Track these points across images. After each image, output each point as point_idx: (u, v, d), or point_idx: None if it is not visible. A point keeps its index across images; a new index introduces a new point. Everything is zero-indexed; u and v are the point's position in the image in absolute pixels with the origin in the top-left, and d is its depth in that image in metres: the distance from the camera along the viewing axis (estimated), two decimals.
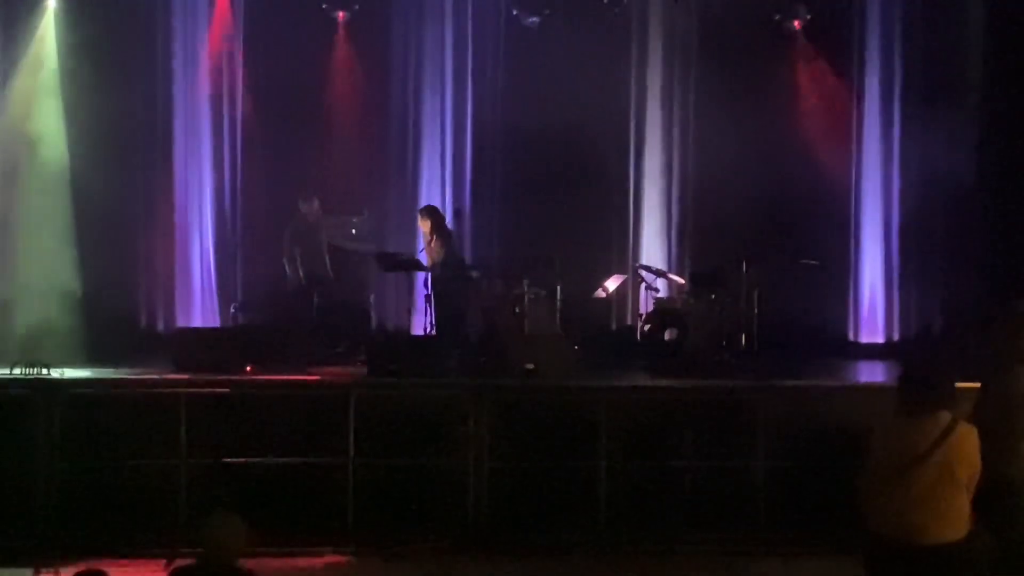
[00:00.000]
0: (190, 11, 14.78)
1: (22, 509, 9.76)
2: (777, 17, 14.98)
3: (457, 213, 14.42)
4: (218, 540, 5.84)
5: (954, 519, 5.81)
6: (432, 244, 13.12)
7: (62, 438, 9.86)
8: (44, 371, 10.52)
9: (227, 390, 10.31)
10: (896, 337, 14.90)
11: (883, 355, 14.19)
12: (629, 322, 14.60)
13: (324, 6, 14.81)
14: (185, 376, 10.72)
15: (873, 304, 15.02)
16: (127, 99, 14.42)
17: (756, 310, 13.00)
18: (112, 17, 14.32)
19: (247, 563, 6.00)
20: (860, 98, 15.13)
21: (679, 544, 9.89)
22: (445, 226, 13.35)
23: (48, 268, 13.88)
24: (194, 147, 14.81)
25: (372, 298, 14.22)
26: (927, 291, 14.94)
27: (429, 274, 13.08)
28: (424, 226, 13.28)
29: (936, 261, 14.88)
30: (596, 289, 14.10)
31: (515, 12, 15.15)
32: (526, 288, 12.99)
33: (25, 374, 10.48)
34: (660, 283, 14.01)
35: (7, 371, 10.61)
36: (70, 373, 10.83)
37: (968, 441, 5.86)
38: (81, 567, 5.85)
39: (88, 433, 9.90)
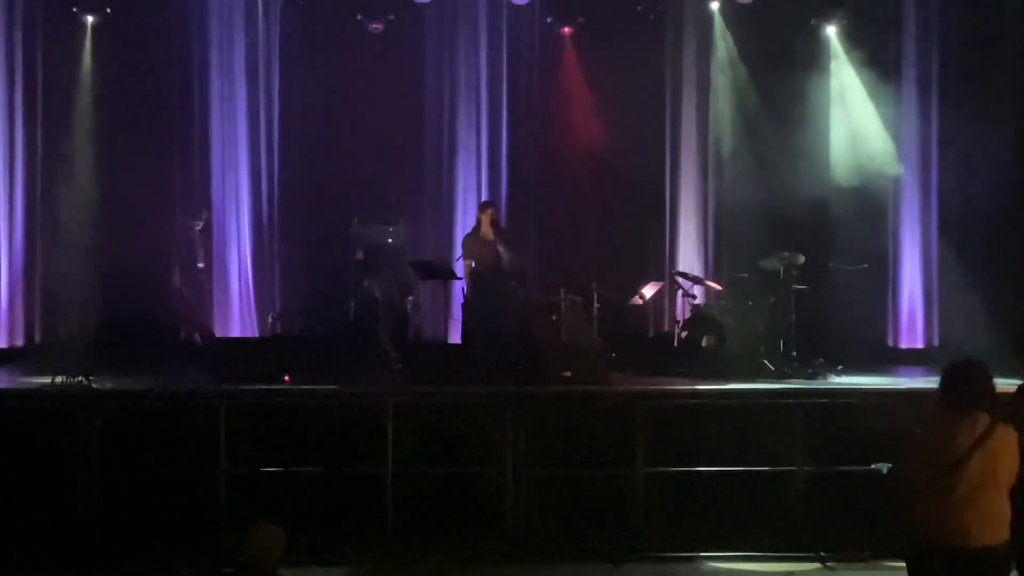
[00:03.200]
0: (226, 23, 14.87)
1: (63, 520, 9.81)
2: (813, 21, 14.93)
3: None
4: (258, 550, 5.85)
5: (997, 521, 5.77)
6: (487, 239, 12.98)
7: (102, 450, 9.91)
8: (84, 381, 10.59)
9: (265, 400, 10.34)
10: (936, 342, 14.79)
11: (923, 360, 14.09)
12: (666, 329, 14.56)
13: (360, 17, 14.86)
14: (224, 387, 10.76)
15: (913, 309, 14.91)
16: (164, 111, 14.62)
17: (794, 316, 12.92)
18: (149, 33, 14.49)
19: (286, 573, 6.01)
20: (897, 101, 15.03)
21: (719, 550, 9.86)
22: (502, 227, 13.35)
23: (87, 280, 14.08)
24: (231, 158, 14.91)
25: (410, 306, 14.24)
26: (968, 295, 14.81)
27: (465, 280, 13.07)
28: (485, 218, 13.10)
29: (977, 264, 14.76)
30: (633, 296, 14.06)
31: (549, 20, 15.17)
32: (562, 295, 12.98)
33: (66, 383, 10.56)
34: (697, 290, 13.96)
35: (48, 381, 10.71)
36: (110, 384, 10.91)
37: (1008, 442, 5.81)
38: None
39: (128, 444, 9.94)
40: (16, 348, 14.30)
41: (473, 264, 13.00)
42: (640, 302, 14.12)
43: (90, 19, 14.53)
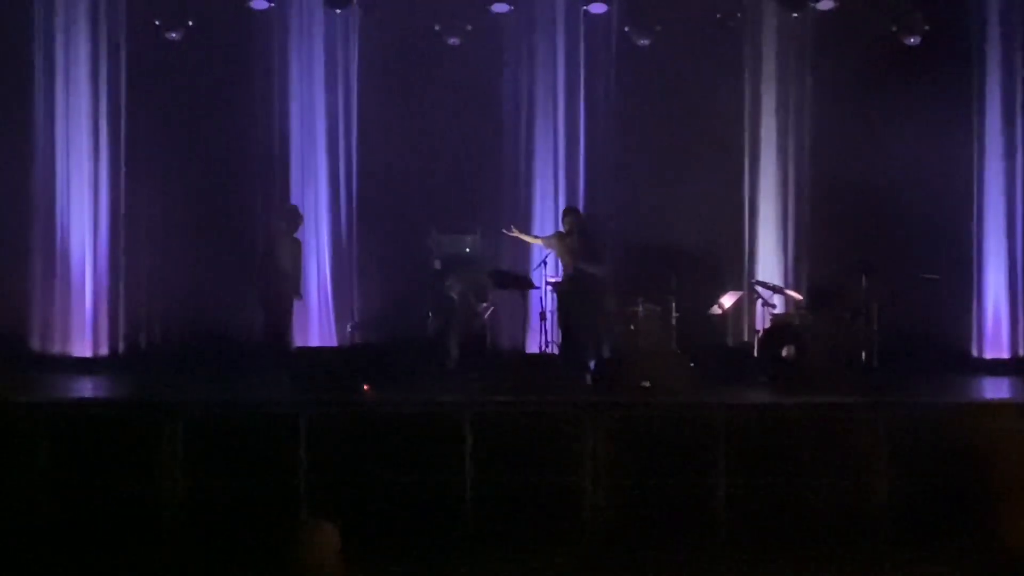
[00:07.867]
0: (306, 36, 15.02)
1: (145, 530, 9.92)
2: (894, 28, 14.75)
3: None
4: (308, 556, 4.88)
5: None
6: (573, 247, 13.01)
7: (184, 459, 10.01)
8: None
9: (345, 410, 10.39)
10: (1022, 352, 14.55)
11: (1009, 371, 13.87)
12: (746, 339, 14.47)
13: (437, 28, 14.90)
14: (303, 396, 10.84)
15: (997, 318, 14.70)
16: (244, 123, 14.81)
17: (876, 325, 12.81)
18: (229, 46, 14.69)
19: None
20: (981, 107, 14.84)
21: (801, 563, 9.75)
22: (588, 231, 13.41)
23: (171, 290, 14.31)
24: (310, 167, 15.06)
25: (486, 314, 14.26)
26: None
27: (555, 288, 13.10)
28: (566, 224, 13.21)
29: None
30: (712, 306, 13.98)
31: (626, 29, 15.13)
32: (641, 305, 12.94)
33: None
34: (777, 299, 13.85)
35: None
36: (190, 394, 11.04)
37: None
38: None
39: (209, 453, 10.03)
40: (101, 357, 14.52)
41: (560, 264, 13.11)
42: (719, 312, 14.04)
43: (172, 34, 14.72)
